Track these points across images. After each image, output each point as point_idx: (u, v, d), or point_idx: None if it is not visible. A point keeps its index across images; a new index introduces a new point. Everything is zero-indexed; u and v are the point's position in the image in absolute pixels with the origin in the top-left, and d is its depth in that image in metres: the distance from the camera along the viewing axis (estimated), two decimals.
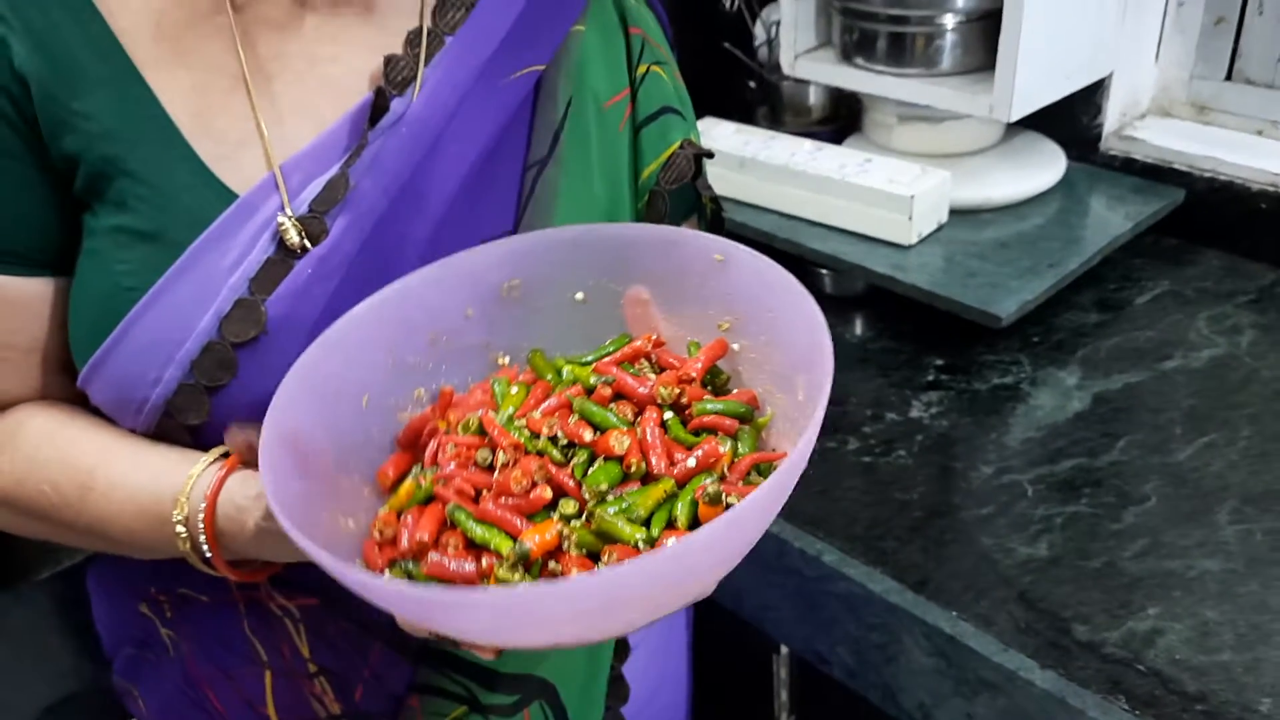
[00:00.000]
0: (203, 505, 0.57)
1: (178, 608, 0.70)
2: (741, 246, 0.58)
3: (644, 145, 0.71)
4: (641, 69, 0.72)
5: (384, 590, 0.45)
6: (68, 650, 0.91)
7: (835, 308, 1.19)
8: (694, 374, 0.57)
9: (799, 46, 1.28)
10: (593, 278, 0.62)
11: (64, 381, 0.64)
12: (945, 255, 1.13)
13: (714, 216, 0.77)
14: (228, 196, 0.60)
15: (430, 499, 0.53)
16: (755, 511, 0.45)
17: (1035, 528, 0.86)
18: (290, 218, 0.59)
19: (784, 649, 1.01)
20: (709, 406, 0.55)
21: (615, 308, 0.62)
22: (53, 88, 0.57)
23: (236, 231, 0.59)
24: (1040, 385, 1.03)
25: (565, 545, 0.49)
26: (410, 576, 0.50)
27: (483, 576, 0.49)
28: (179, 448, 0.61)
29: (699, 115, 1.31)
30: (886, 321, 1.15)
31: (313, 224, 0.60)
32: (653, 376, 0.57)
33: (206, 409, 0.59)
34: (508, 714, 0.68)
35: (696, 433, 0.55)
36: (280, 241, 0.59)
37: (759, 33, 1.43)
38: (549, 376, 0.59)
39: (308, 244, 0.60)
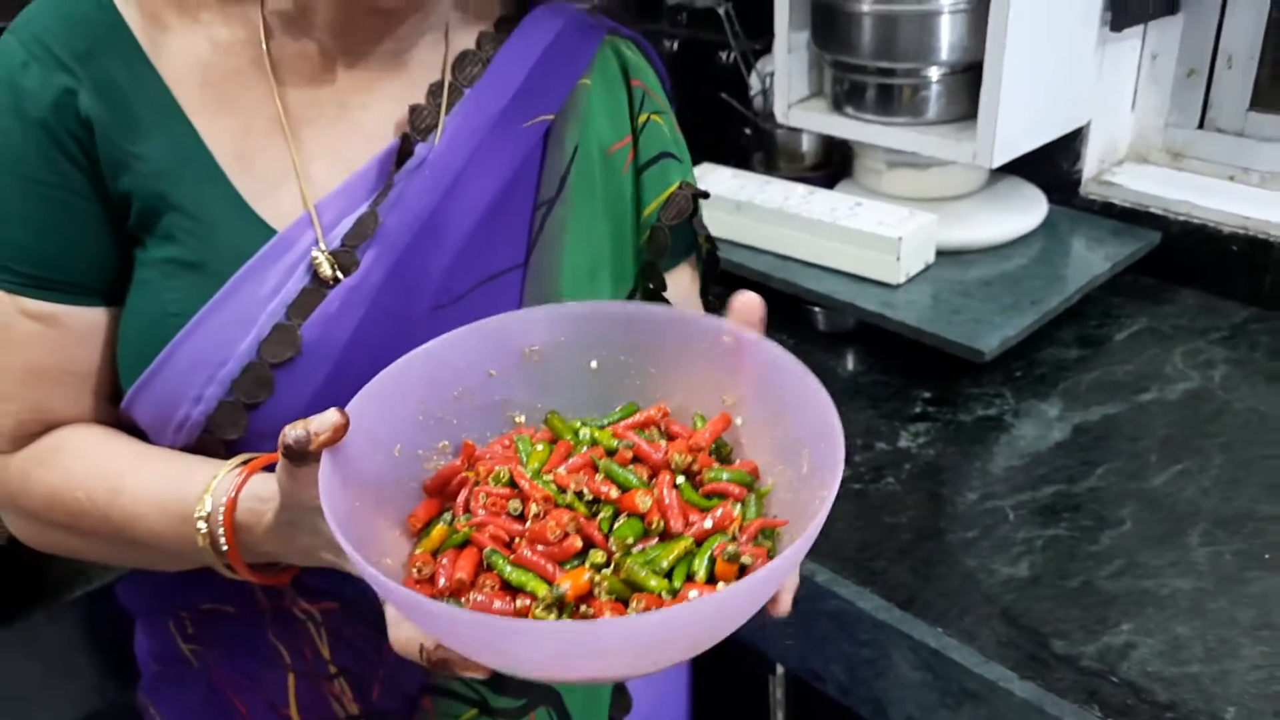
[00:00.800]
0: (224, 501, 0.61)
1: (200, 623, 0.74)
2: (749, 331, 0.61)
3: (645, 186, 0.77)
4: (642, 118, 0.78)
5: (461, 615, 0.48)
6: (94, 668, 0.95)
7: (828, 343, 1.24)
8: (703, 443, 0.61)
9: (792, 96, 1.35)
10: (606, 349, 0.66)
11: (108, 408, 0.69)
12: (932, 294, 1.18)
13: (709, 255, 0.82)
14: (266, 231, 0.65)
15: (465, 543, 0.56)
16: (786, 566, 0.49)
17: (1017, 549, 0.91)
18: (324, 252, 0.65)
19: (780, 669, 1.05)
20: (722, 475, 0.59)
21: (625, 378, 0.66)
22: (112, 132, 0.63)
23: (275, 263, 0.65)
24: (1023, 416, 1.08)
25: (596, 591, 0.53)
26: None
27: (519, 616, 0.53)
28: (206, 458, 0.65)
29: (698, 161, 1.38)
30: (877, 356, 1.20)
31: (344, 256, 0.66)
32: (663, 443, 0.61)
33: (244, 424, 0.64)
34: (515, 717, 0.73)
35: (707, 496, 0.59)
36: (314, 273, 0.65)
37: (754, 83, 1.50)
38: (568, 436, 0.63)
39: (339, 275, 0.65)
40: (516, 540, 0.56)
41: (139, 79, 0.65)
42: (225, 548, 0.62)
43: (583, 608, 0.53)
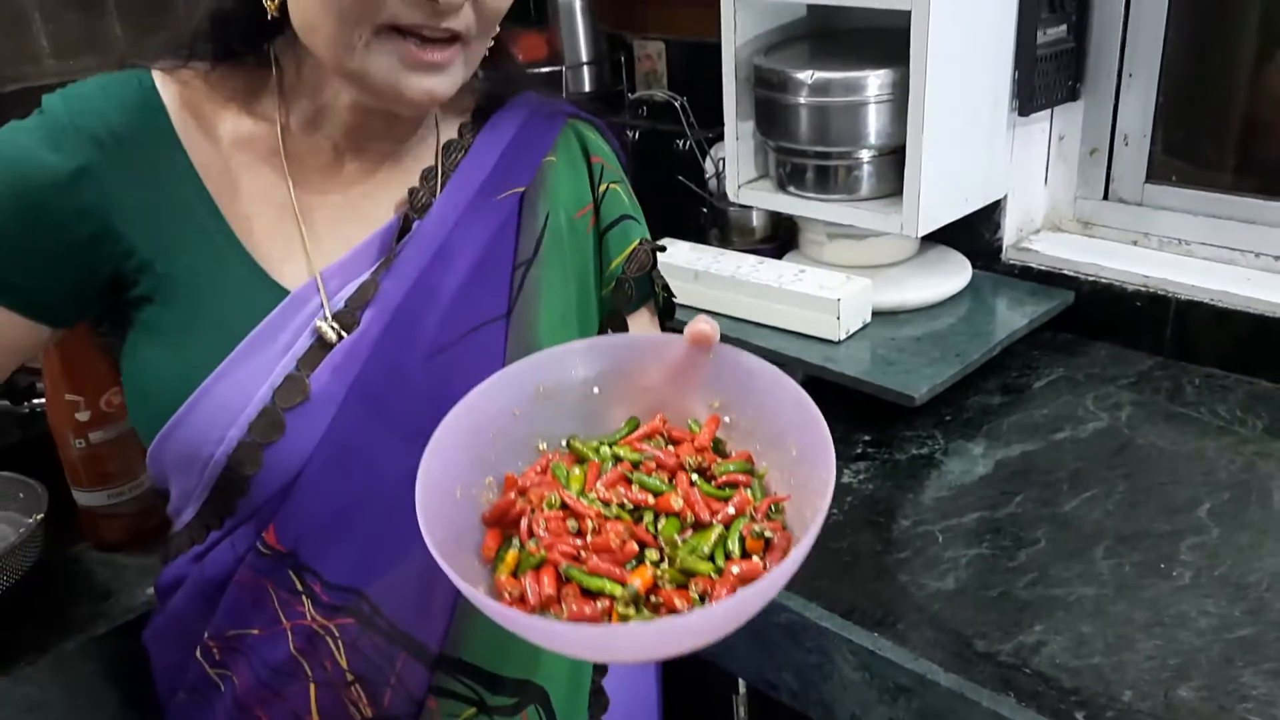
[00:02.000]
0: None
1: (227, 648, 0.82)
2: (722, 344, 0.71)
3: (609, 245, 0.89)
4: (602, 188, 0.90)
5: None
6: (122, 700, 1.03)
7: None
8: (706, 443, 0.72)
9: (742, 178, 1.50)
10: (605, 376, 0.74)
11: None
12: (870, 349, 1.32)
13: (666, 302, 0.95)
14: (280, 292, 0.77)
15: (541, 563, 0.65)
16: (816, 530, 0.59)
17: (944, 566, 1.03)
18: (328, 321, 0.77)
19: (742, 688, 1.15)
20: (730, 467, 0.70)
21: (624, 396, 0.74)
22: (144, 204, 0.75)
23: (288, 322, 0.77)
24: (951, 454, 1.21)
25: (660, 583, 0.63)
26: None
27: (605, 614, 0.62)
28: None
29: (659, 236, 1.52)
30: (822, 405, 1.31)
31: (346, 317, 0.78)
32: (671, 448, 0.72)
33: (261, 460, 0.75)
34: (509, 714, 0.83)
35: (720, 487, 0.69)
36: (320, 336, 0.77)
37: (709, 167, 1.66)
38: (592, 456, 0.72)
39: (343, 334, 0.77)
40: (583, 553, 0.64)
41: (170, 159, 0.77)
42: None
43: (652, 598, 0.62)
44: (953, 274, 1.45)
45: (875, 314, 1.38)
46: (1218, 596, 0.96)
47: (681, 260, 1.44)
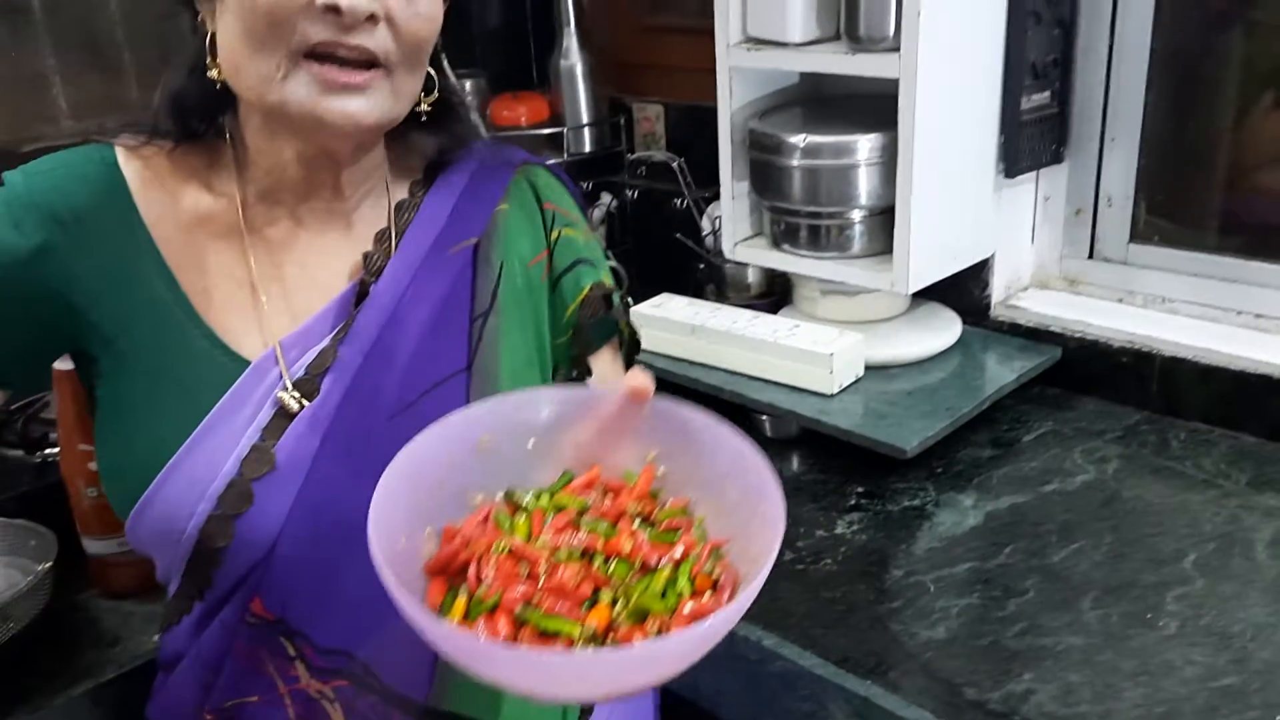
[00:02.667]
0: None
1: (227, 714, 0.83)
2: (658, 397, 0.72)
3: (564, 290, 0.90)
4: (555, 234, 0.91)
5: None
6: None
7: (774, 448, 1.40)
8: (645, 491, 0.74)
9: (738, 236, 1.55)
10: (540, 429, 0.75)
11: None
12: (862, 402, 1.36)
13: (631, 338, 0.95)
14: (242, 364, 0.78)
15: (494, 608, 0.65)
16: (762, 578, 0.62)
17: (935, 616, 1.05)
18: (289, 390, 0.78)
19: None
20: (672, 513, 0.72)
21: (559, 450, 0.75)
22: (104, 280, 0.77)
23: (250, 394, 0.77)
24: (942, 506, 1.24)
25: (616, 623, 0.64)
26: None
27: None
28: None
29: (658, 291, 1.57)
30: (816, 458, 1.36)
31: (307, 385, 0.78)
32: (609, 499, 0.73)
33: (231, 532, 0.76)
34: None
35: (663, 531, 0.71)
36: (282, 406, 0.78)
37: (705, 225, 1.71)
38: (532, 505, 0.72)
39: (305, 402, 0.78)
40: (537, 597, 0.65)
41: (131, 235, 0.77)
42: None
43: (609, 638, 0.63)
44: (943, 330, 1.49)
45: (868, 368, 1.42)
46: (1203, 646, 0.98)
47: (679, 315, 1.48)
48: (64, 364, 1.00)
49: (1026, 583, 1.09)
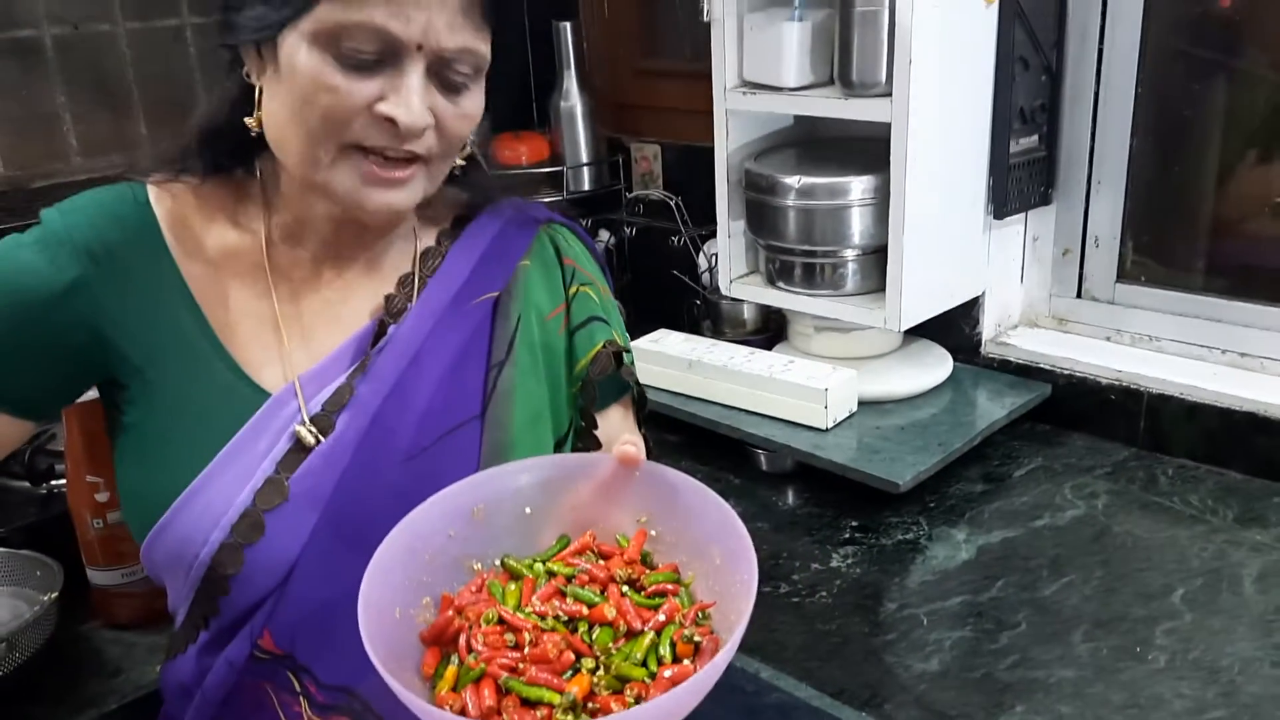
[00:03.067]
0: None
1: None
2: (648, 462, 0.74)
3: (577, 345, 0.92)
4: (573, 289, 0.93)
5: None
6: None
7: (770, 482, 1.43)
8: (635, 556, 0.75)
9: (734, 273, 1.58)
10: (536, 496, 0.77)
11: None
12: (856, 437, 1.38)
13: (640, 396, 0.97)
14: (262, 396, 0.81)
15: (480, 677, 0.67)
16: (735, 644, 0.63)
17: (929, 648, 1.07)
18: (305, 424, 0.80)
19: None
20: (658, 577, 0.74)
21: (555, 516, 0.77)
22: (134, 313, 0.80)
23: (268, 426, 0.80)
24: (935, 540, 1.26)
25: (596, 689, 0.66)
26: None
27: None
28: None
29: (655, 327, 1.60)
30: (811, 492, 1.39)
31: (323, 420, 0.81)
32: (601, 562, 0.75)
33: (241, 561, 0.78)
34: None
35: (649, 596, 0.73)
36: (298, 439, 0.80)
37: (702, 263, 1.74)
38: (527, 573, 0.74)
39: (320, 437, 0.80)
40: (521, 665, 0.67)
41: (160, 270, 0.81)
42: None
43: (589, 705, 0.66)
44: (935, 366, 1.52)
45: (861, 404, 1.44)
46: (1191, 679, 1.00)
47: (676, 350, 1.51)
48: None
49: (1018, 616, 1.11)
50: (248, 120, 0.80)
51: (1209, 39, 1.46)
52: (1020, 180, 1.47)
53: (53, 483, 1.26)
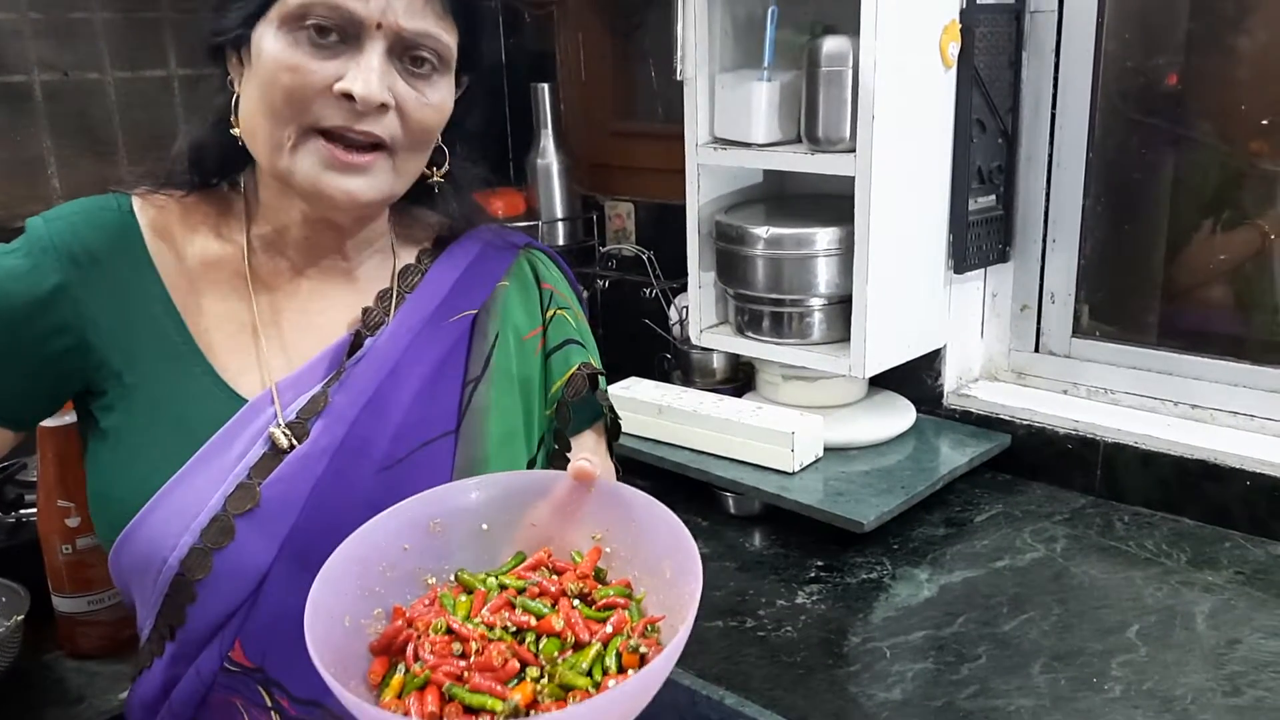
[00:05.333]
0: None
1: None
2: (602, 479, 0.76)
3: (552, 367, 0.93)
4: (550, 313, 0.95)
5: None
6: None
7: (738, 524, 1.45)
8: (588, 571, 0.77)
9: (704, 323, 1.62)
10: (493, 512, 0.78)
11: None
12: (822, 481, 1.41)
13: (613, 423, 0.99)
14: (239, 402, 0.82)
15: (425, 685, 0.68)
16: (676, 651, 0.65)
17: (892, 679, 1.08)
18: (281, 427, 0.81)
19: None
20: (609, 592, 0.75)
21: (512, 532, 0.78)
22: (115, 317, 0.81)
23: (243, 431, 0.81)
24: (899, 579, 1.28)
25: (540, 698, 0.67)
26: None
27: None
28: None
29: (627, 375, 1.62)
30: (778, 534, 1.41)
31: (298, 427, 0.82)
32: (555, 577, 0.76)
33: (210, 566, 0.79)
34: None
35: (600, 610, 0.74)
36: (273, 443, 0.81)
37: (673, 314, 1.78)
38: (479, 587, 0.76)
39: (295, 443, 0.82)
40: (466, 674, 0.68)
41: (142, 277, 0.82)
42: None
43: (532, 713, 0.66)
44: (898, 416, 1.56)
45: (827, 449, 1.47)
46: (1145, 709, 1.02)
47: (647, 396, 1.54)
48: (48, 421, 1.03)
49: (979, 649, 1.13)
50: (233, 130, 0.83)
51: (1158, 109, 1.54)
52: (979, 237, 1.53)
53: (21, 511, 1.26)
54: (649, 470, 1.52)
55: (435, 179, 0.90)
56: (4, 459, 0.89)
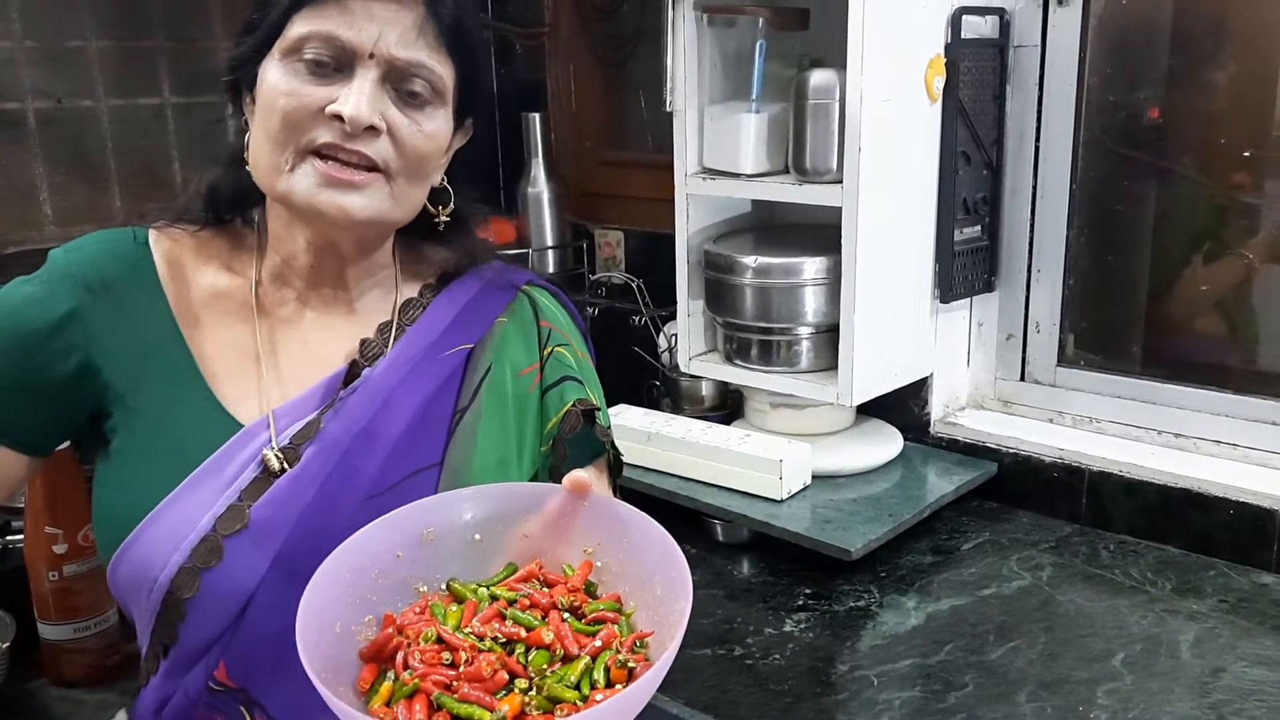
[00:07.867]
0: None
1: None
2: (597, 494, 0.77)
3: (548, 403, 0.95)
4: (548, 350, 0.96)
5: None
6: None
7: (726, 552, 1.45)
8: (579, 585, 0.78)
9: (692, 351, 1.63)
10: (486, 523, 0.79)
11: None
12: (810, 508, 1.41)
13: (615, 457, 1.01)
14: (236, 426, 0.84)
15: (414, 693, 0.69)
16: (664, 667, 0.66)
17: (879, 707, 1.08)
18: (274, 450, 0.83)
19: None
20: (599, 606, 0.76)
21: (505, 543, 0.79)
22: (123, 342, 0.84)
23: (237, 455, 0.83)
24: (886, 607, 1.28)
25: (527, 710, 0.68)
26: None
27: None
28: None
29: (616, 403, 1.63)
30: (766, 561, 1.41)
31: (290, 452, 0.84)
32: (546, 590, 0.77)
33: (198, 585, 0.80)
34: None
35: (590, 624, 0.75)
36: (265, 466, 0.83)
37: (662, 341, 1.79)
38: (470, 597, 0.76)
39: (286, 466, 0.83)
40: (455, 683, 0.69)
41: (153, 305, 0.86)
42: None
43: None
44: (886, 444, 1.57)
45: (815, 477, 1.48)
46: None
47: (636, 423, 1.54)
48: None
49: (966, 677, 1.13)
50: (247, 167, 0.86)
51: (1140, 142, 1.57)
52: (965, 267, 1.55)
53: (8, 538, 1.25)
54: (637, 497, 1.51)
55: (441, 219, 0.92)
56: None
